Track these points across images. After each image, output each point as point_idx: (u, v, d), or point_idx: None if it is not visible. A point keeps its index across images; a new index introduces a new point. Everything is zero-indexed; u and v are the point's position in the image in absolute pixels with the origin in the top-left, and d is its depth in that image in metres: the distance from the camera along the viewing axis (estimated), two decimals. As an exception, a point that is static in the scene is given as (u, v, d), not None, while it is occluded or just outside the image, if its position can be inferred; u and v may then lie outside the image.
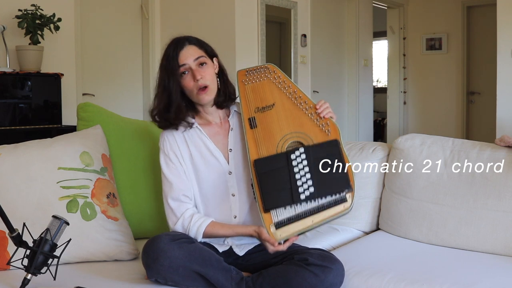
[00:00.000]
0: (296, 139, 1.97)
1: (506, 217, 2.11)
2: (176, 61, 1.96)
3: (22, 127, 4.07)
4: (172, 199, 1.99)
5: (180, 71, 1.97)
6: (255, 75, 2.08)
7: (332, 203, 1.87)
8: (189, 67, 1.97)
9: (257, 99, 2.04)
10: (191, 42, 2.01)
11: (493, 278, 1.85)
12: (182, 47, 1.98)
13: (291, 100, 2.04)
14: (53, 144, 2.20)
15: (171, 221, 1.99)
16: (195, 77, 1.96)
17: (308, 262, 1.80)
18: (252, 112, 2.02)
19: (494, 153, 2.21)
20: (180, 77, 1.98)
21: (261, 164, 1.91)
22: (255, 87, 2.07)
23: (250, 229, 1.93)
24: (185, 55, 1.97)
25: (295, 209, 1.86)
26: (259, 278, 1.84)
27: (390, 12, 8.30)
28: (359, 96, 7.36)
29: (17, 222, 1.78)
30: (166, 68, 1.97)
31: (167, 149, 2.03)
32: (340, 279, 1.83)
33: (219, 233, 1.95)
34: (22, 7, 4.15)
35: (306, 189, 1.86)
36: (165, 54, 1.99)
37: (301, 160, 1.90)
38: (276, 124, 1.99)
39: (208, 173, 2.01)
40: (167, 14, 5.54)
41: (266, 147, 1.95)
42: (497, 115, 5.19)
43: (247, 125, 2.00)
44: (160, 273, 1.79)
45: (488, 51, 6.79)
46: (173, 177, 2.00)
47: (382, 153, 2.50)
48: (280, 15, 5.81)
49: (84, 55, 4.94)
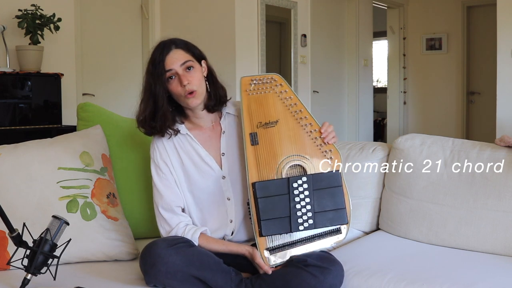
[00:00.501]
0: (298, 163, 1.93)
1: (506, 217, 2.11)
2: (163, 66, 1.90)
3: (22, 127, 4.07)
4: (164, 209, 1.97)
5: (166, 76, 1.91)
6: (260, 86, 1.96)
7: (328, 234, 1.92)
8: (175, 72, 1.91)
9: (261, 113, 1.94)
10: (177, 46, 1.94)
11: (493, 278, 1.85)
12: (169, 51, 1.91)
13: (296, 120, 1.95)
14: (53, 144, 2.20)
15: (164, 230, 1.97)
16: (182, 82, 1.90)
17: (307, 264, 1.80)
18: (254, 127, 1.93)
19: (494, 153, 2.21)
20: (167, 82, 1.92)
21: (261, 188, 1.86)
22: (259, 99, 1.96)
23: (243, 249, 1.92)
24: (171, 59, 1.90)
25: (290, 236, 1.89)
26: (258, 280, 1.84)
27: (390, 12, 8.30)
28: (359, 96, 7.36)
29: (17, 222, 1.78)
30: (152, 73, 1.91)
31: (157, 159, 2.00)
32: (340, 280, 1.82)
33: (212, 248, 1.93)
34: (22, 7, 4.15)
35: (305, 220, 1.87)
36: (151, 58, 1.92)
37: (303, 190, 1.88)
38: (278, 144, 1.92)
39: (201, 180, 1.99)
40: (167, 14, 5.54)
41: (267, 168, 1.89)
42: (497, 115, 5.19)
43: (248, 141, 1.92)
44: (158, 279, 1.79)
45: (488, 51, 6.79)
46: (163, 188, 1.98)
47: (382, 153, 2.50)
48: (280, 15, 5.81)
49: (84, 55, 4.94)
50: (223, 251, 1.93)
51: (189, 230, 1.93)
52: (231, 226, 2.00)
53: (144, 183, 2.34)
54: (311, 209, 1.88)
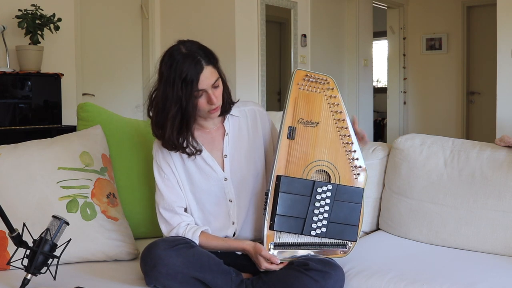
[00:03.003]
0: (325, 169, 1.92)
1: (506, 217, 2.11)
2: (196, 85, 1.82)
3: (22, 127, 4.07)
4: (165, 209, 1.97)
5: (197, 94, 1.85)
6: (313, 84, 1.92)
7: (335, 246, 1.93)
8: (205, 91, 1.86)
9: (305, 110, 1.92)
10: (208, 63, 1.85)
11: (493, 278, 1.85)
12: (201, 70, 1.83)
13: (336, 128, 1.94)
14: (53, 144, 2.20)
15: (165, 229, 1.97)
16: (211, 101, 1.86)
17: (308, 268, 1.79)
18: (295, 121, 1.91)
19: (494, 153, 2.21)
20: (196, 99, 1.87)
21: (286, 182, 1.86)
22: (308, 96, 1.92)
23: (244, 243, 1.91)
24: (204, 80, 1.83)
25: (298, 238, 1.89)
26: (258, 282, 1.84)
27: (390, 12, 8.30)
28: (359, 96, 7.36)
29: (17, 222, 1.78)
30: (182, 89, 1.82)
31: (160, 159, 1.98)
32: (340, 285, 1.82)
33: (212, 245, 1.92)
34: (22, 7, 4.15)
35: (319, 227, 1.88)
36: (182, 74, 1.81)
37: (326, 197, 1.88)
38: (313, 145, 1.91)
39: (204, 182, 1.98)
40: (167, 14, 5.54)
41: (295, 165, 1.89)
42: (497, 115, 5.18)
43: (285, 133, 1.89)
44: (158, 280, 1.79)
45: (488, 51, 6.79)
46: (165, 188, 1.97)
47: (382, 153, 2.50)
48: (280, 15, 5.81)
49: (84, 55, 4.94)
50: (223, 247, 1.93)
51: (190, 229, 1.93)
52: (233, 227, 2.00)
53: (144, 183, 2.34)
54: (327, 217, 1.89)
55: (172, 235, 1.94)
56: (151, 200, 2.32)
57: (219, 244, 1.94)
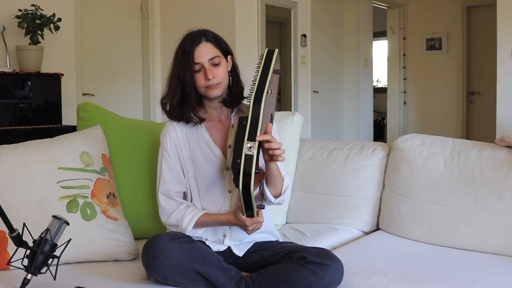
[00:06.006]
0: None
1: (506, 217, 2.11)
2: (192, 56, 1.94)
3: (22, 127, 4.07)
4: (163, 194, 2.01)
5: (194, 68, 1.95)
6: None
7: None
8: (202, 66, 1.95)
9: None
10: (207, 39, 1.98)
11: (493, 278, 1.85)
12: (199, 43, 1.95)
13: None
14: (53, 144, 2.20)
15: (164, 217, 2.01)
16: (207, 76, 1.94)
17: (307, 260, 1.80)
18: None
19: (494, 153, 2.21)
20: (193, 72, 1.97)
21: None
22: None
23: (228, 216, 1.91)
24: (200, 52, 1.95)
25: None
26: (258, 277, 1.84)
27: (390, 12, 8.30)
28: (359, 96, 7.36)
29: (17, 222, 1.78)
30: (181, 62, 1.96)
31: (167, 142, 2.03)
32: (339, 277, 1.83)
33: (204, 222, 1.95)
34: (22, 7, 4.15)
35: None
36: (181, 48, 1.97)
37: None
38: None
39: (207, 168, 2.01)
40: (167, 14, 5.54)
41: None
42: (497, 115, 5.19)
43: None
44: (160, 272, 1.79)
45: (488, 51, 6.79)
46: (168, 171, 2.01)
47: (382, 153, 2.50)
48: (280, 15, 5.81)
49: (84, 55, 4.94)
50: (209, 223, 1.95)
51: (191, 211, 1.96)
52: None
53: (144, 182, 2.35)
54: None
55: (171, 221, 1.97)
56: (152, 200, 2.32)
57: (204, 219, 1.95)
